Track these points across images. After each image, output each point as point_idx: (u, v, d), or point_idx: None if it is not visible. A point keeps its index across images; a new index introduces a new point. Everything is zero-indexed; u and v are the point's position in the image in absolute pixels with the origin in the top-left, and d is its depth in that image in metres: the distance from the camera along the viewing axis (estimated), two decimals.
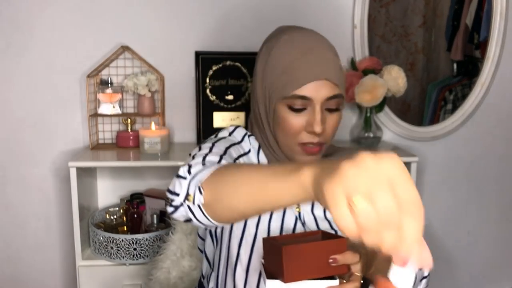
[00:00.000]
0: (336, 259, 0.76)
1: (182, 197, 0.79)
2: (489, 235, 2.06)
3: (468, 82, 2.01)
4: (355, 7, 1.80)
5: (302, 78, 0.92)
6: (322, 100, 0.93)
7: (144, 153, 1.67)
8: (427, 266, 0.54)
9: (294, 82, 0.92)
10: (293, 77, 0.93)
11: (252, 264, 0.98)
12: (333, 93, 0.94)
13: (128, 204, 1.72)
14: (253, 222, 1.00)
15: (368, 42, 1.84)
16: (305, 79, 0.92)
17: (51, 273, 1.92)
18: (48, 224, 1.88)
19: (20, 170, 1.84)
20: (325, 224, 1.04)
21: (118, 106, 1.78)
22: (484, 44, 1.90)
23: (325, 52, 0.95)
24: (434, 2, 2.10)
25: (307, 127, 0.95)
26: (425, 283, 1.05)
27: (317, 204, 1.04)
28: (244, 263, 0.98)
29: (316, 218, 1.03)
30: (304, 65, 0.92)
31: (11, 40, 1.76)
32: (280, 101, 0.94)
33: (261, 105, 0.99)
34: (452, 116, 1.93)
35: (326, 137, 0.98)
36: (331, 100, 0.94)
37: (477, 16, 1.96)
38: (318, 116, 0.93)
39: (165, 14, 1.78)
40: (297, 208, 1.03)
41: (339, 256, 0.77)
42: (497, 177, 2.01)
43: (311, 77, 0.92)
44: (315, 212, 1.04)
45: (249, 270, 0.99)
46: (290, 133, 0.96)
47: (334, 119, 0.97)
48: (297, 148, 0.97)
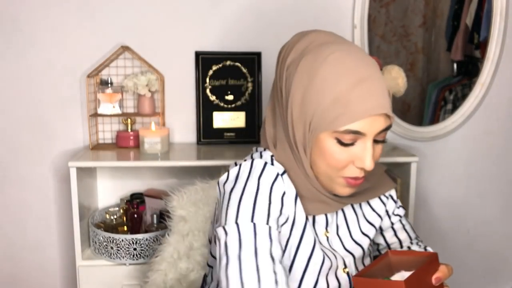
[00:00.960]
0: (440, 278, 0.79)
1: None
2: (490, 234, 2.06)
3: (468, 82, 2.01)
4: (355, 7, 1.80)
5: (358, 113, 0.82)
6: (375, 134, 0.85)
7: (144, 153, 1.67)
8: None
9: (347, 116, 0.82)
10: (346, 110, 0.82)
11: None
12: (386, 125, 0.86)
13: (128, 204, 1.72)
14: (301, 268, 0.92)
15: (368, 42, 1.84)
16: (362, 115, 0.82)
17: (51, 273, 1.92)
18: (48, 224, 1.88)
19: (20, 170, 1.84)
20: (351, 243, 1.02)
21: (118, 106, 1.78)
22: (484, 44, 1.90)
23: (379, 80, 0.85)
24: (434, 2, 2.10)
25: (356, 161, 0.86)
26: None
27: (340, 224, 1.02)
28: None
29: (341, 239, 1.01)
30: (360, 97, 0.82)
31: (11, 40, 1.76)
32: (327, 133, 0.84)
33: (298, 128, 0.88)
34: (452, 116, 1.93)
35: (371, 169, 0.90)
36: (382, 132, 0.87)
37: (477, 16, 1.96)
38: (370, 151, 0.85)
39: (165, 14, 1.78)
40: (326, 233, 0.98)
41: (439, 273, 0.80)
42: (497, 176, 2.02)
43: (368, 111, 0.82)
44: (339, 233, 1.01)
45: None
46: (335, 167, 0.87)
47: (380, 150, 0.90)
48: (339, 180, 0.90)
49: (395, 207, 1.12)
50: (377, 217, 1.08)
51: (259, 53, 1.77)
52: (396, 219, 1.12)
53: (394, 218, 1.12)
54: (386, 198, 1.11)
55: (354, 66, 0.84)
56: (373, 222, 1.06)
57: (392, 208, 1.12)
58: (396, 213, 1.12)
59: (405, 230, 1.12)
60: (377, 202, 1.09)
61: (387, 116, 0.86)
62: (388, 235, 1.12)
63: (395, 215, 1.12)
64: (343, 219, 1.01)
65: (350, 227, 1.02)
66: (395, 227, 1.12)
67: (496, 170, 2.01)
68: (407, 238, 1.11)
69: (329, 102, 0.83)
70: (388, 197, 1.11)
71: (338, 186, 0.91)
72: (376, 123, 0.84)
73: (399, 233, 1.11)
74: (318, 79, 0.84)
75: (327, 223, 0.98)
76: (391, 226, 1.12)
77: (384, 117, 0.85)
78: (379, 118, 0.84)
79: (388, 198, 1.11)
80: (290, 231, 0.91)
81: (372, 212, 1.08)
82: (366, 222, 1.05)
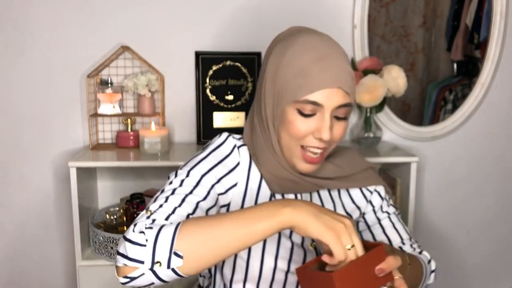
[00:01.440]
0: (383, 269, 0.77)
1: (149, 265, 0.76)
2: (489, 235, 2.06)
3: (468, 82, 2.01)
4: (355, 7, 1.80)
5: (316, 84, 0.91)
6: (332, 108, 0.92)
7: (144, 153, 1.67)
8: None
9: (307, 87, 0.91)
10: (306, 82, 0.91)
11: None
12: (344, 102, 0.93)
13: (128, 204, 1.72)
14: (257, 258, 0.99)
15: (368, 42, 1.84)
16: (319, 85, 0.91)
17: (51, 273, 1.92)
18: (48, 224, 1.88)
19: (20, 170, 1.84)
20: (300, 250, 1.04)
21: (118, 106, 1.78)
22: (484, 44, 1.91)
23: (340, 60, 0.94)
24: (434, 2, 2.10)
25: (315, 133, 0.94)
26: (433, 277, 1.06)
27: None
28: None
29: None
30: (319, 71, 0.91)
31: (11, 40, 1.76)
32: (290, 104, 0.93)
33: (268, 106, 0.97)
34: (452, 116, 1.93)
35: (331, 145, 0.98)
36: (341, 108, 0.94)
37: (477, 16, 1.97)
38: (328, 123, 0.92)
39: (165, 14, 1.78)
40: None
41: (384, 265, 0.77)
42: (497, 177, 2.02)
43: (325, 84, 0.91)
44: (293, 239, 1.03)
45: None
46: (295, 137, 0.95)
47: (341, 127, 0.96)
48: (298, 150, 0.96)
49: (382, 203, 1.12)
50: (356, 209, 1.10)
51: (259, 53, 1.77)
52: (384, 216, 1.11)
53: (382, 214, 1.11)
54: (369, 192, 1.11)
55: (318, 46, 0.94)
56: (350, 213, 1.09)
57: (378, 203, 1.11)
58: (384, 210, 1.12)
59: (395, 228, 1.10)
60: (358, 195, 1.10)
61: (346, 94, 0.93)
62: (377, 232, 1.11)
63: (383, 211, 1.11)
64: (319, 203, 1.06)
65: None
66: (383, 224, 1.11)
67: (496, 170, 2.01)
68: (397, 237, 1.09)
69: (293, 75, 0.93)
70: (373, 192, 1.12)
71: (297, 159, 0.97)
72: (334, 97, 0.92)
73: (388, 231, 1.10)
74: (285, 58, 0.94)
75: None
76: (379, 223, 1.11)
77: (343, 93, 0.93)
78: (337, 92, 0.92)
79: (373, 193, 1.12)
80: (243, 198, 1.00)
81: (352, 203, 1.09)
82: (344, 212, 1.08)
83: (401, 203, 1.75)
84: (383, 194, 1.13)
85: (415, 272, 0.98)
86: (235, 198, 1.00)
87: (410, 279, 0.94)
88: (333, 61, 0.93)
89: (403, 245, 1.09)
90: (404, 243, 1.09)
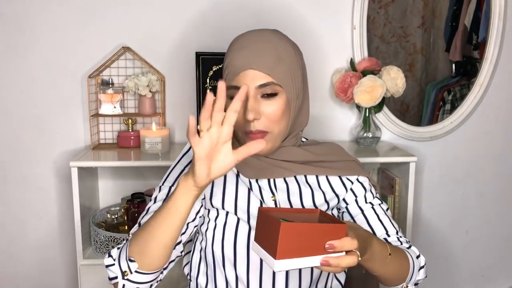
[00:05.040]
0: (333, 246, 0.76)
1: (121, 276, 0.93)
2: (488, 234, 2.07)
3: (466, 83, 2.02)
4: (354, 8, 1.81)
5: (233, 70, 1.00)
6: (255, 88, 0.99)
7: (145, 153, 1.68)
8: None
9: (229, 74, 1.01)
10: (228, 70, 1.01)
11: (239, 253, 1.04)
12: (263, 81, 0.99)
13: (129, 203, 1.73)
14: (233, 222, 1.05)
15: (367, 42, 1.84)
16: (235, 71, 0.99)
17: (52, 272, 1.93)
18: (49, 223, 1.89)
19: (21, 169, 1.85)
20: None
21: (119, 106, 1.79)
22: (483, 44, 1.91)
23: (258, 45, 1.00)
24: (433, 3, 2.11)
25: (244, 115, 0.99)
26: (423, 273, 1.06)
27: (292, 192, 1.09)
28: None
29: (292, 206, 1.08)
30: (237, 59, 1.00)
31: (12, 41, 1.77)
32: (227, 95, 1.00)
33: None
34: (450, 116, 1.94)
35: (267, 125, 1.01)
36: (264, 87, 0.99)
37: (475, 17, 1.97)
38: (249, 104, 0.98)
39: (165, 15, 1.79)
40: (273, 197, 1.08)
41: (337, 242, 0.76)
42: (495, 176, 2.03)
43: (239, 68, 0.99)
44: (291, 200, 1.08)
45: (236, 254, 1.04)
46: (237, 125, 0.97)
47: (272, 105, 1.00)
48: (244, 137, 1.03)
49: (366, 194, 1.12)
50: (335, 197, 1.11)
51: None
52: (368, 206, 1.11)
53: (365, 205, 1.11)
54: (350, 182, 1.12)
55: (243, 40, 1.03)
56: (329, 201, 1.11)
57: (362, 193, 1.12)
58: (368, 201, 1.12)
59: (379, 220, 1.09)
60: (338, 182, 1.12)
61: (265, 74, 0.99)
62: (360, 223, 1.10)
63: (366, 202, 1.12)
64: (297, 188, 1.10)
65: (303, 196, 1.09)
66: (367, 214, 1.10)
67: (494, 170, 2.02)
68: (382, 229, 1.08)
69: (224, 68, 1.04)
70: (354, 182, 1.13)
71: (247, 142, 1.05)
72: (250, 78, 0.99)
73: (372, 221, 1.09)
74: (226, 56, 1.05)
75: (272, 188, 1.09)
76: (362, 213, 1.11)
77: (260, 73, 0.99)
78: (253, 73, 0.99)
79: (354, 182, 1.13)
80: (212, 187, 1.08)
81: (332, 192, 1.11)
82: (322, 196, 1.10)
83: (399, 202, 1.76)
84: (366, 185, 1.13)
85: (398, 263, 0.98)
86: (206, 191, 1.08)
87: (393, 270, 0.96)
88: (251, 48, 1.00)
89: (388, 237, 1.07)
90: (389, 235, 1.08)
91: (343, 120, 1.90)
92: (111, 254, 0.97)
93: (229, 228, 1.05)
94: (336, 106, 1.89)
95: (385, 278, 0.98)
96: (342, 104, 1.87)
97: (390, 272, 0.96)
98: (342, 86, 1.76)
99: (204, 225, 1.10)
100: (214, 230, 1.07)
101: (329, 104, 1.88)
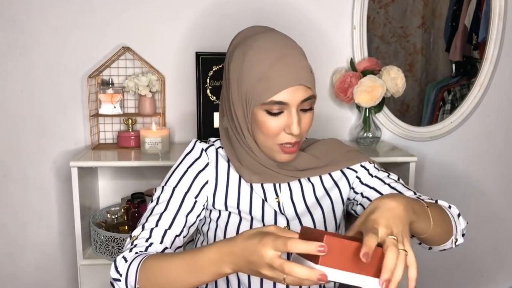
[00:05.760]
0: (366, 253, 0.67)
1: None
2: (488, 234, 2.07)
3: (466, 83, 2.02)
4: (354, 8, 1.81)
5: (278, 86, 0.97)
6: (297, 103, 0.98)
7: (145, 153, 1.68)
8: None
9: (270, 89, 0.97)
10: (269, 85, 0.97)
11: None
12: (307, 96, 0.99)
13: (129, 203, 1.73)
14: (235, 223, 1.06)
15: (367, 42, 1.85)
16: (281, 86, 0.96)
17: (52, 272, 1.93)
18: (49, 223, 1.89)
19: (22, 169, 1.85)
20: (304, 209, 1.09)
21: (119, 106, 1.79)
22: (483, 44, 1.91)
23: (297, 57, 0.99)
24: (433, 3, 2.11)
25: (286, 128, 1.00)
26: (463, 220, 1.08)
27: (295, 192, 1.10)
28: None
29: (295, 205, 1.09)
30: (279, 72, 0.97)
31: (12, 41, 1.77)
32: (258, 106, 0.99)
33: (238, 109, 1.03)
34: (450, 116, 1.94)
35: (302, 136, 1.04)
36: (305, 102, 0.99)
37: (475, 17, 1.98)
38: (295, 118, 0.98)
39: (165, 15, 1.79)
40: (276, 198, 1.09)
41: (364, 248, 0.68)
42: (495, 176, 2.03)
43: (286, 83, 0.96)
44: (294, 200, 1.09)
45: None
46: (269, 135, 1.01)
47: (308, 118, 1.02)
48: (276, 147, 1.03)
49: (369, 171, 1.12)
50: (335, 187, 1.12)
51: None
52: (375, 180, 1.10)
53: (372, 179, 1.11)
54: (354, 171, 1.13)
55: (273, 48, 0.99)
56: (329, 191, 1.12)
57: (365, 172, 1.12)
58: (374, 175, 1.11)
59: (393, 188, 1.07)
60: (338, 174, 1.14)
61: (307, 88, 0.99)
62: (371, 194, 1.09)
63: (372, 177, 1.11)
64: (298, 187, 1.11)
65: (305, 192, 1.11)
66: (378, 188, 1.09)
67: (494, 170, 2.02)
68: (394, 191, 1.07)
69: (256, 81, 0.98)
70: (358, 170, 1.13)
71: (276, 153, 1.04)
72: (297, 94, 0.97)
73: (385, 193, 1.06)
74: (246, 63, 1.00)
75: (277, 190, 1.10)
76: (373, 189, 1.09)
77: (304, 88, 0.98)
78: (298, 89, 0.97)
79: (358, 170, 1.13)
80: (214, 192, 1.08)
81: (331, 181, 1.12)
82: (322, 188, 1.12)
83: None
84: (368, 165, 1.14)
85: (438, 214, 0.94)
86: (209, 194, 1.08)
87: (438, 223, 0.92)
88: (290, 60, 0.98)
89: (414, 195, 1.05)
90: None
91: (343, 120, 1.91)
92: (118, 268, 0.93)
93: (230, 229, 1.06)
94: (336, 106, 1.89)
95: (433, 236, 0.93)
96: (342, 104, 1.87)
97: (437, 227, 0.91)
98: (342, 86, 1.76)
99: (206, 225, 1.10)
100: (216, 230, 1.08)
101: (329, 104, 1.88)
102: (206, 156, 1.11)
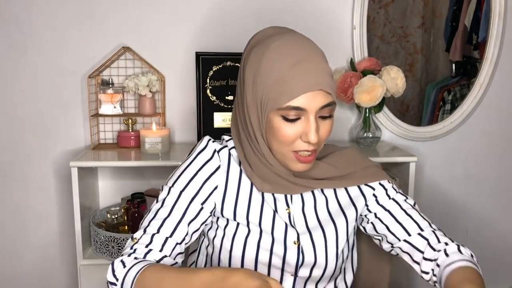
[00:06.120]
0: None
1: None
2: (488, 234, 2.07)
3: (466, 83, 2.02)
4: (354, 8, 1.81)
5: (296, 90, 0.90)
6: (316, 110, 0.92)
7: (145, 153, 1.68)
8: None
9: (287, 94, 0.90)
10: (286, 88, 0.90)
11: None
12: (326, 102, 0.93)
13: (129, 203, 1.73)
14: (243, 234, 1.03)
15: (367, 42, 1.85)
16: (299, 91, 0.90)
17: (52, 272, 1.93)
18: (49, 223, 1.89)
19: (21, 169, 1.85)
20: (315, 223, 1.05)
21: (119, 106, 1.79)
22: (483, 44, 1.91)
23: (317, 61, 0.93)
24: (433, 3, 2.11)
25: (303, 136, 0.94)
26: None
27: (307, 204, 1.06)
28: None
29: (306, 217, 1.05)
30: (297, 76, 0.90)
31: (12, 41, 1.77)
32: (274, 111, 0.93)
33: (252, 113, 0.97)
34: (450, 116, 1.94)
35: (320, 144, 0.98)
36: (324, 108, 0.93)
37: (475, 17, 1.98)
38: (313, 126, 0.92)
39: (165, 15, 1.79)
40: (287, 209, 1.04)
41: None
42: (495, 176, 2.03)
43: (305, 88, 0.90)
44: (305, 212, 1.05)
45: None
46: (285, 142, 0.95)
47: (328, 125, 0.96)
48: (291, 155, 0.97)
49: (387, 192, 1.09)
50: (351, 205, 1.08)
51: None
52: (391, 203, 1.07)
53: (388, 202, 1.07)
54: (371, 188, 1.09)
55: (292, 50, 0.93)
56: (344, 209, 1.08)
57: (382, 192, 1.09)
58: (392, 197, 1.08)
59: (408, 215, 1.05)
60: (356, 191, 1.09)
61: (328, 93, 0.92)
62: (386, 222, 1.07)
63: (390, 199, 1.08)
64: (312, 199, 1.06)
65: (317, 206, 1.06)
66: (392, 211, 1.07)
67: (494, 170, 2.02)
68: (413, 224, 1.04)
69: (272, 83, 0.92)
70: (376, 188, 1.09)
71: (291, 162, 0.98)
72: (315, 99, 0.91)
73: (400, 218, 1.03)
74: (262, 65, 0.93)
75: (288, 200, 1.05)
76: (388, 212, 1.07)
77: (324, 93, 0.92)
78: (318, 94, 0.91)
79: (376, 188, 1.09)
80: (223, 198, 1.03)
81: (348, 199, 1.08)
82: (336, 204, 1.07)
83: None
84: (387, 186, 1.10)
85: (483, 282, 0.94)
86: (217, 200, 1.03)
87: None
88: (310, 64, 0.92)
89: (421, 231, 1.04)
90: (422, 230, 1.04)
91: (343, 120, 1.90)
92: (115, 272, 0.90)
93: (238, 240, 1.02)
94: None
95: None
96: (342, 104, 1.87)
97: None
98: (342, 86, 1.76)
99: (212, 231, 1.06)
100: (223, 239, 1.04)
101: None
102: (218, 158, 1.04)
